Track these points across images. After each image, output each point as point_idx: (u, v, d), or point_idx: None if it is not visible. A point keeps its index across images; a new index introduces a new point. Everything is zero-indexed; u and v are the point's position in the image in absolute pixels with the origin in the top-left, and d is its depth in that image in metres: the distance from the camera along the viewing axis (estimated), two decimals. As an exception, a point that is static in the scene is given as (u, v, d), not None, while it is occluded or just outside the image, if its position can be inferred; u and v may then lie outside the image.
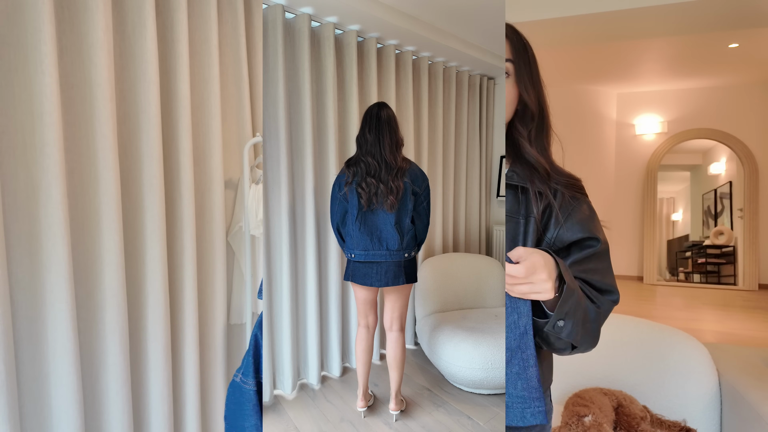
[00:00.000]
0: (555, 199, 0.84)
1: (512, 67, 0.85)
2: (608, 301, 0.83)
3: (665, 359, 1.69)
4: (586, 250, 0.82)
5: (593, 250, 0.82)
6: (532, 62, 0.87)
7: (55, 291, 1.21)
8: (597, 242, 0.83)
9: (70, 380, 1.23)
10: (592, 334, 0.81)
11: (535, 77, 0.87)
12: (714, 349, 1.78)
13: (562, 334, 0.75)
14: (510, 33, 0.87)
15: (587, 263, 0.82)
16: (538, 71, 0.88)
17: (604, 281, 0.83)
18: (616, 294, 0.85)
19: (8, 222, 1.17)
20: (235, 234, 1.88)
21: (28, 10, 1.15)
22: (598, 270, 0.83)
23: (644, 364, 1.71)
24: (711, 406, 1.61)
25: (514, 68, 0.85)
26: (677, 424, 1.57)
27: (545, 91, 0.89)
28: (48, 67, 1.16)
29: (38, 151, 1.18)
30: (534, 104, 0.85)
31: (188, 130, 1.60)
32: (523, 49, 0.86)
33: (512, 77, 0.85)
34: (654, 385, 1.68)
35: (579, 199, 0.85)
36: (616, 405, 1.58)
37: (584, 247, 0.83)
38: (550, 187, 0.84)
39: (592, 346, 0.83)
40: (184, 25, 1.58)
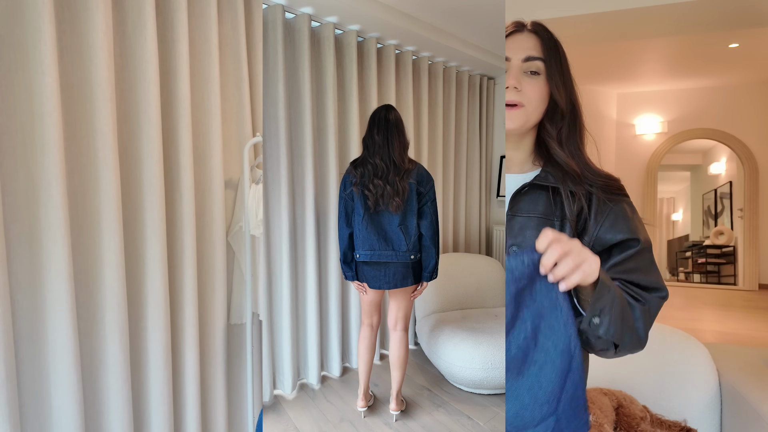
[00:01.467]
0: (592, 200, 0.82)
1: (542, 65, 0.83)
2: (656, 297, 0.80)
3: (665, 359, 1.69)
4: (627, 251, 0.80)
5: (633, 251, 0.80)
6: (563, 60, 0.84)
7: (55, 291, 1.21)
8: (637, 242, 0.80)
9: (70, 380, 1.23)
10: (637, 333, 0.76)
11: (567, 75, 0.84)
12: (714, 349, 1.77)
13: (600, 332, 0.72)
14: (540, 30, 0.85)
15: (628, 263, 0.80)
16: (569, 69, 0.85)
17: (648, 278, 0.80)
18: (664, 291, 0.82)
19: (8, 222, 1.17)
20: (235, 234, 1.88)
21: (28, 10, 1.15)
22: (639, 268, 0.80)
23: (644, 364, 1.71)
24: (711, 406, 1.61)
25: (545, 66, 0.83)
26: (677, 424, 1.57)
27: (577, 90, 0.86)
28: (48, 67, 1.16)
29: (38, 151, 1.18)
30: (565, 103, 0.83)
31: (188, 130, 1.60)
32: (554, 47, 0.84)
33: (543, 75, 0.83)
34: (654, 385, 1.68)
35: (617, 201, 0.82)
36: (616, 405, 1.58)
37: (625, 248, 0.80)
38: (585, 189, 0.82)
39: (639, 347, 0.79)
40: (184, 25, 1.58)
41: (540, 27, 0.86)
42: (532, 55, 0.83)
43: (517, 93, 0.82)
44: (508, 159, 0.91)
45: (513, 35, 0.86)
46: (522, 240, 0.82)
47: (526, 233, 0.82)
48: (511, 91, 0.82)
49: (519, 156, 0.89)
